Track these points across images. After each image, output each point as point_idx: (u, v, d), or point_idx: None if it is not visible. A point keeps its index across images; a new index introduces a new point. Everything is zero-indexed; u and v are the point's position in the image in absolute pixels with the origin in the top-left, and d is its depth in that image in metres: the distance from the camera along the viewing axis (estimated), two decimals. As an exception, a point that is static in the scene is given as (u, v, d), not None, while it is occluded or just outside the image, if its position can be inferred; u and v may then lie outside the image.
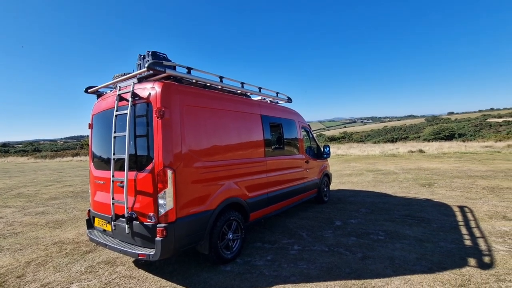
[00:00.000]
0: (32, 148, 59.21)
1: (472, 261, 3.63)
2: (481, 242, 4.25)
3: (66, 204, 8.32)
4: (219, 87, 4.30)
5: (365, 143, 41.52)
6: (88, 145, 4.80)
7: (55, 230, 5.72)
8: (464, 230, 4.81)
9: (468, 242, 4.28)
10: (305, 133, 6.80)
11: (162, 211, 3.15)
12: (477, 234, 4.61)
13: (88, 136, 4.47)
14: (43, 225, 6.11)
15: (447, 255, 3.83)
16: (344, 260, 3.81)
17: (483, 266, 3.50)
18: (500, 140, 28.22)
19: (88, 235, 3.95)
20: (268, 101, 5.80)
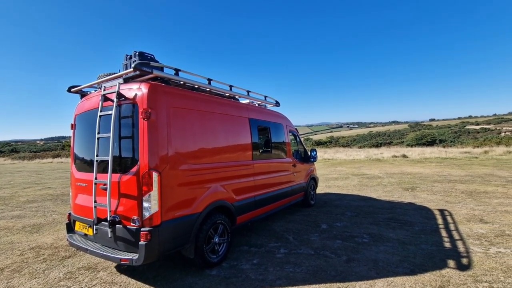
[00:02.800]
0: (10, 149, 56.56)
1: (451, 263, 3.75)
2: (459, 244, 4.41)
3: (45, 207, 7.99)
4: (207, 89, 4.28)
5: (351, 148, 42.33)
6: (70, 146, 4.65)
7: (32, 235, 5.47)
8: (444, 233, 4.97)
9: (447, 244, 4.42)
10: (292, 137, 6.86)
11: (146, 214, 3.08)
12: (456, 236, 4.78)
13: (70, 137, 4.33)
14: (19, 230, 5.83)
15: (428, 257, 3.94)
16: (329, 263, 3.85)
17: (462, 267, 3.63)
18: (477, 146, 29.56)
19: (68, 240, 3.80)
20: (256, 105, 5.82)
